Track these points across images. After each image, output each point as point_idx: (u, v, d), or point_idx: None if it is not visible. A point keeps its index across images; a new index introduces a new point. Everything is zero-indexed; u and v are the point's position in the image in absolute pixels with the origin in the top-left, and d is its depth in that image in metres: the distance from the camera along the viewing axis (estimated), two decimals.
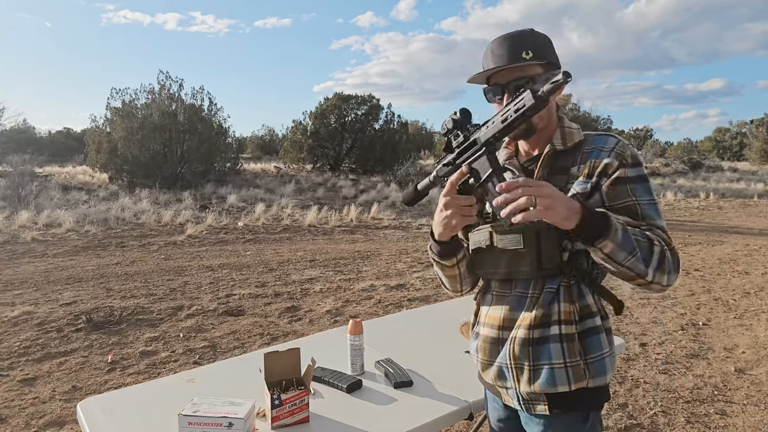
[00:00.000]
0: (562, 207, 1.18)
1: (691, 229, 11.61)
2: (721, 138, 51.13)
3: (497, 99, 1.47)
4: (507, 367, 1.46)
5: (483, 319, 1.55)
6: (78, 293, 6.23)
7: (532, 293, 1.43)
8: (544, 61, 1.42)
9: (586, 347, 1.40)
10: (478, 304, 1.60)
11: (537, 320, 1.41)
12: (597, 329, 1.41)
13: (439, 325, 2.60)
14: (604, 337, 1.42)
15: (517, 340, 1.43)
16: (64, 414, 3.49)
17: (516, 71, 1.42)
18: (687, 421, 3.39)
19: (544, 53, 1.42)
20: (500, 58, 1.42)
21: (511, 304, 1.47)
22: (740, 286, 6.66)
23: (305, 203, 14.84)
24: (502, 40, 1.44)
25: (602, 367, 1.41)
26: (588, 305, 1.42)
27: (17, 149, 26.07)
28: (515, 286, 1.47)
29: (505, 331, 1.47)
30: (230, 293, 6.25)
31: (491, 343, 1.50)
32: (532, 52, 1.40)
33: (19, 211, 11.49)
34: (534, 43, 1.42)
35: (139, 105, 18.72)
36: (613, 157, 1.39)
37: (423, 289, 6.53)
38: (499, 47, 1.44)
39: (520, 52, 1.40)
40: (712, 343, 4.74)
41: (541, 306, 1.41)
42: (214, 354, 4.47)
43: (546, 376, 1.40)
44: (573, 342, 1.39)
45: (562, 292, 1.40)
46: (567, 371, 1.39)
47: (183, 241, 9.73)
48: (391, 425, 1.69)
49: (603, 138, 1.44)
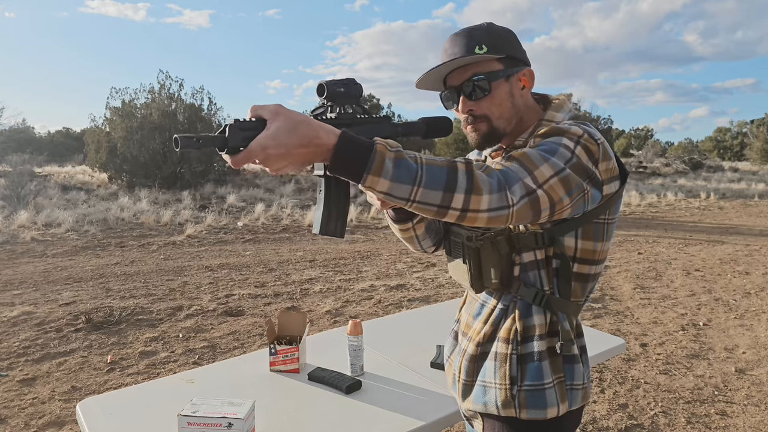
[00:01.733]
0: (272, 153, 0.94)
1: (691, 230, 11.60)
2: (722, 138, 51.16)
3: (453, 105, 1.32)
4: (456, 378, 1.42)
5: (458, 314, 1.53)
6: (77, 293, 6.22)
7: (492, 305, 1.36)
8: (502, 54, 1.25)
9: (524, 372, 1.27)
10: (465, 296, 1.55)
11: (485, 337, 1.34)
12: (539, 355, 1.26)
13: (439, 326, 2.59)
14: (546, 365, 1.26)
15: (466, 355, 1.38)
16: (63, 414, 3.49)
17: (469, 69, 1.26)
18: (687, 422, 3.39)
19: (500, 47, 1.25)
20: (450, 56, 1.27)
21: (473, 310, 1.42)
22: (741, 287, 6.65)
23: (305, 203, 14.85)
24: (454, 37, 1.28)
25: (539, 399, 1.26)
26: (532, 326, 1.28)
27: (16, 149, 26.08)
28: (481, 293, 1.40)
29: (463, 338, 1.43)
30: (230, 293, 6.25)
31: (453, 339, 1.50)
32: (486, 46, 1.24)
33: (19, 211, 11.49)
34: (489, 37, 1.25)
35: (139, 104, 18.73)
36: (546, 126, 1.25)
37: (423, 289, 6.52)
38: (450, 44, 1.28)
39: (472, 47, 1.24)
40: (713, 343, 4.73)
41: (492, 322, 1.34)
42: (214, 354, 4.46)
43: (477, 392, 1.34)
44: (505, 363, 1.28)
45: (510, 308, 1.31)
46: (495, 392, 1.29)
47: (182, 241, 9.72)
48: (391, 427, 1.69)
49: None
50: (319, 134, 0.95)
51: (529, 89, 1.33)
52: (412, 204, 0.99)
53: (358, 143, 0.96)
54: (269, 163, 0.95)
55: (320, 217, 1.15)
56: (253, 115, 0.96)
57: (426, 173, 0.98)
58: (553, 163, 1.09)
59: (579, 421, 1.37)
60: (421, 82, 1.31)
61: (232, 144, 0.95)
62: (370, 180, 0.96)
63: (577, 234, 1.26)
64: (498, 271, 1.28)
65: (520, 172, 1.06)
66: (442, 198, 0.98)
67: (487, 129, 1.29)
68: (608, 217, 1.28)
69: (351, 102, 1.16)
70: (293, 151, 0.94)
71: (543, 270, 1.28)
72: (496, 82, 1.27)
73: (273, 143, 0.93)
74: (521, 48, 1.32)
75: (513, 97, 1.29)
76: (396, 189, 0.97)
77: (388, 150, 0.97)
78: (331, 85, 1.12)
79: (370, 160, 0.95)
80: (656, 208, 15.56)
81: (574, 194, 1.12)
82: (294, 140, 0.93)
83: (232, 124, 0.95)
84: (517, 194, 1.03)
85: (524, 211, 1.05)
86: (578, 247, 1.27)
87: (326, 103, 1.15)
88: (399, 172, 0.96)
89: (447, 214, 1.00)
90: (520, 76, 1.30)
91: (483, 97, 1.27)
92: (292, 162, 0.96)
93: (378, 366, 2.14)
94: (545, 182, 1.07)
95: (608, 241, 1.31)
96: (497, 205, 1.01)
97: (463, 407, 1.40)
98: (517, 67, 1.29)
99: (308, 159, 0.97)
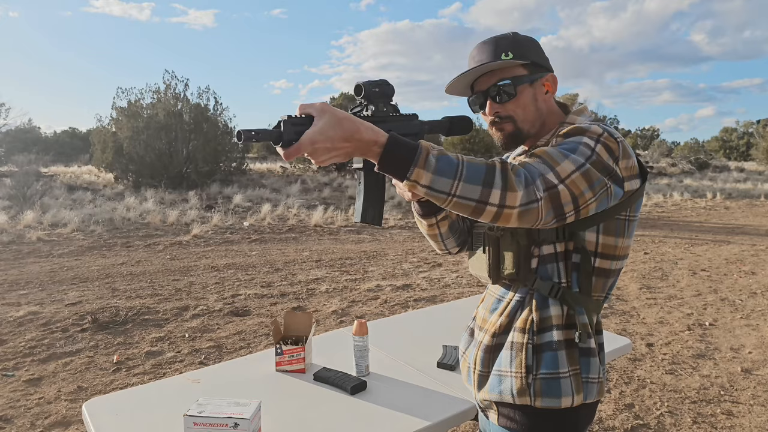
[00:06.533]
0: (319, 146, 1.03)
1: (698, 230, 11.56)
2: (728, 138, 50.97)
3: (480, 109, 1.40)
4: (471, 370, 1.44)
5: (475, 312, 1.55)
6: (83, 293, 6.24)
7: (509, 298, 1.39)
8: (527, 61, 1.32)
9: (539, 362, 1.30)
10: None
11: (501, 328, 1.37)
12: (555, 345, 1.30)
13: (445, 326, 2.59)
14: (563, 355, 1.30)
15: (482, 346, 1.41)
16: (69, 414, 3.50)
17: (496, 74, 1.34)
18: (693, 422, 3.38)
19: (525, 54, 1.33)
20: (478, 62, 1.35)
21: (490, 305, 1.45)
22: (747, 287, 6.63)
23: (311, 203, 14.86)
24: (481, 45, 1.37)
25: (554, 388, 1.29)
26: (549, 317, 1.31)
27: (23, 149, 26.17)
28: (497, 286, 1.44)
29: (479, 332, 1.46)
30: (236, 293, 6.26)
31: (469, 335, 1.52)
32: (512, 53, 1.31)
33: (25, 211, 11.52)
34: (514, 45, 1.33)
35: (145, 105, 18.78)
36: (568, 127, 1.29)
37: (429, 289, 6.52)
38: (478, 52, 1.36)
39: (499, 54, 1.32)
40: (719, 343, 4.72)
41: (507, 314, 1.37)
42: (220, 354, 4.47)
43: (493, 382, 1.37)
44: (521, 352, 1.31)
45: (527, 300, 1.34)
46: (511, 381, 1.32)
47: (188, 241, 9.74)
48: (397, 427, 1.68)
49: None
50: (360, 129, 1.03)
51: (552, 94, 1.40)
52: (452, 199, 1.05)
53: (405, 141, 1.05)
54: (316, 155, 1.04)
55: (360, 207, 1.27)
56: (302, 112, 1.05)
57: (466, 168, 1.04)
58: (573, 159, 1.14)
59: (593, 416, 1.39)
60: (450, 87, 1.40)
61: (286, 137, 1.04)
62: (415, 173, 1.03)
63: (599, 229, 1.29)
64: (516, 261, 1.32)
65: (543, 167, 1.11)
66: (481, 193, 1.03)
67: (512, 129, 1.36)
68: (630, 215, 1.31)
69: (384, 101, 1.25)
70: (338, 145, 1.03)
71: (561, 263, 1.32)
72: (521, 86, 1.33)
73: (321, 137, 1.02)
74: (544, 55, 1.39)
75: (537, 101, 1.36)
76: (438, 182, 1.03)
77: (432, 147, 1.06)
78: (367, 86, 1.22)
79: (417, 154, 1.03)
80: (662, 208, 15.52)
81: (597, 188, 1.15)
82: (339, 134, 1.02)
83: (286, 120, 1.05)
84: (540, 189, 1.07)
85: (547, 207, 1.08)
86: (599, 242, 1.30)
87: (363, 102, 1.24)
88: (441, 165, 1.03)
89: (484, 210, 1.05)
90: (544, 82, 1.37)
91: (509, 100, 1.34)
92: (336, 155, 1.05)
93: (384, 366, 2.14)
94: (567, 177, 1.11)
95: (629, 238, 1.34)
96: (527, 200, 1.06)
97: (479, 398, 1.42)
98: (540, 73, 1.36)
99: (350, 152, 1.06)
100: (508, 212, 1.05)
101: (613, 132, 1.23)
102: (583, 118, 1.37)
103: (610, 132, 1.22)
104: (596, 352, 1.33)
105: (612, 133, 1.22)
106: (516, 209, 1.05)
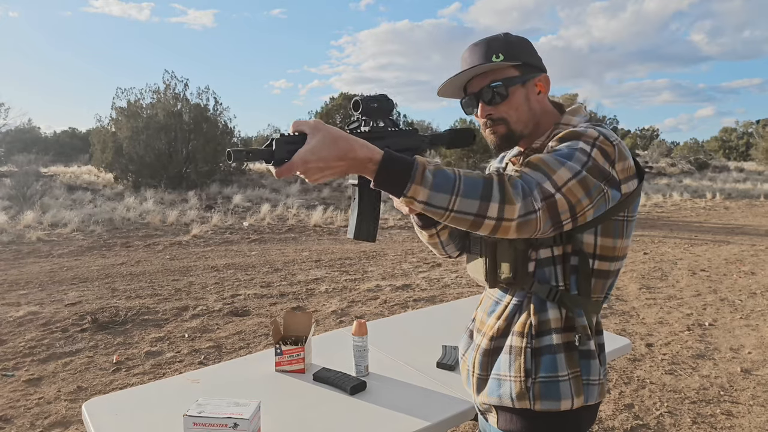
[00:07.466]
0: (312, 166, 1.02)
1: (697, 230, 11.56)
2: (728, 138, 50.92)
3: (473, 111, 1.39)
4: (470, 373, 1.44)
5: (474, 313, 1.54)
6: (83, 293, 6.24)
7: (506, 301, 1.38)
8: (519, 62, 1.31)
9: (538, 365, 1.30)
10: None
11: (499, 331, 1.37)
12: (554, 348, 1.29)
13: (445, 326, 2.59)
14: (562, 358, 1.29)
15: (480, 350, 1.40)
16: (69, 414, 3.50)
17: (488, 75, 1.33)
18: (693, 422, 3.38)
19: (516, 55, 1.32)
20: (469, 64, 1.34)
21: (488, 308, 1.45)
22: (746, 287, 6.63)
23: (311, 203, 14.87)
24: (473, 46, 1.36)
25: (553, 391, 1.28)
26: (547, 320, 1.30)
27: (22, 149, 26.15)
28: (495, 289, 1.43)
29: (477, 334, 1.45)
30: (235, 293, 6.26)
31: (468, 337, 1.51)
32: (503, 55, 1.31)
33: (25, 211, 11.52)
34: (506, 46, 1.32)
35: (144, 105, 18.77)
36: (563, 130, 1.28)
37: (429, 289, 6.52)
38: (469, 54, 1.35)
39: (490, 55, 1.31)
40: (719, 343, 4.72)
41: (505, 317, 1.36)
42: (220, 354, 4.47)
43: (492, 385, 1.36)
44: (520, 356, 1.31)
45: (525, 303, 1.33)
46: (510, 384, 1.32)
47: (188, 241, 9.75)
48: (396, 427, 1.69)
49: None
50: (354, 148, 1.02)
51: (545, 94, 1.39)
52: (450, 213, 1.04)
53: (400, 158, 1.04)
54: (309, 174, 1.03)
55: (354, 222, 1.27)
56: (295, 130, 1.04)
57: (464, 183, 1.03)
58: (570, 166, 1.13)
59: (594, 418, 1.39)
60: (442, 90, 1.39)
61: (278, 156, 1.03)
62: (412, 190, 1.02)
63: (597, 231, 1.29)
64: (513, 265, 1.32)
65: (539, 176, 1.10)
66: (479, 207, 1.03)
67: (505, 131, 1.35)
68: (627, 215, 1.30)
69: (383, 116, 1.25)
70: (331, 164, 1.02)
71: (559, 266, 1.31)
72: (513, 87, 1.33)
73: (313, 157, 1.01)
74: (537, 56, 1.38)
75: (529, 102, 1.35)
76: (435, 198, 1.03)
77: (428, 163, 1.04)
78: (366, 101, 1.21)
79: (413, 171, 1.02)
80: (662, 208, 15.52)
81: (594, 194, 1.15)
82: (332, 154, 1.01)
83: (278, 139, 1.03)
84: (538, 199, 1.07)
85: (545, 217, 1.08)
86: (598, 244, 1.29)
87: (360, 118, 1.24)
88: (438, 181, 1.03)
89: (483, 224, 1.05)
90: (536, 82, 1.36)
91: (501, 102, 1.33)
92: (330, 173, 1.04)
93: (383, 366, 2.14)
94: (563, 185, 1.11)
95: (628, 238, 1.33)
96: (525, 212, 1.05)
97: (478, 401, 1.42)
98: (532, 74, 1.35)
99: (345, 170, 1.05)
100: (507, 225, 1.05)
101: (609, 134, 1.22)
102: (578, 118, 1.37)
103: (606, 135, 1.22)
104: (596, 353, 1.33)
105: (608, 136, 1.22)
106: (514, 221, 1.05)
